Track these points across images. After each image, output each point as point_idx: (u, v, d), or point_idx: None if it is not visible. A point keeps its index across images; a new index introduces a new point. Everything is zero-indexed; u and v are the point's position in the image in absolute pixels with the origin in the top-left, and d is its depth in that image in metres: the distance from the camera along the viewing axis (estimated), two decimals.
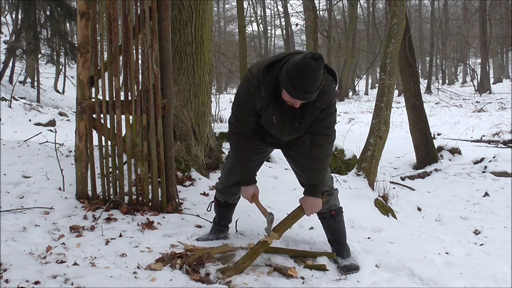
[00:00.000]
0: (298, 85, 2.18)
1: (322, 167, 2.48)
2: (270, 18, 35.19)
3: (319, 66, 2.14)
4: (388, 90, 5.60)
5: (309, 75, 2.15)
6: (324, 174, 2.50)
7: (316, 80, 2.17)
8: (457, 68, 36.35)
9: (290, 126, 2.45)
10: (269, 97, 2.37)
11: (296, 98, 2.23)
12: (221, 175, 2.90)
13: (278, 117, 2.42)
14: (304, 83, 2.17)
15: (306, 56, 2.14)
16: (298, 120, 2.42)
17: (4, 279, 2.15)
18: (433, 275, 2.50)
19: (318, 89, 2.22)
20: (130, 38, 3.34)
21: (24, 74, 19.21)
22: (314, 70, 2.14)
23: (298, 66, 2.15)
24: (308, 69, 2.14)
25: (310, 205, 2.48)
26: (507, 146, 11.10)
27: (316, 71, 2.14)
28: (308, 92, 2.20)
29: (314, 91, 2.21)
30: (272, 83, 2.33)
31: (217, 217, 2.98)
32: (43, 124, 12.46)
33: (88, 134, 3.43)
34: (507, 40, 22.94)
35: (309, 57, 2.13)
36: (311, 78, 2.16)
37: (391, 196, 5.38)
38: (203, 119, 4.57)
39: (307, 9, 14.35)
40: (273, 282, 2.31)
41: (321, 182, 2.48)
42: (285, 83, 2.22)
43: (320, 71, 2.16)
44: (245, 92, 2.42)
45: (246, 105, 2.44)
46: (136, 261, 2.46)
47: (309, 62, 2.12)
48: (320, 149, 2.47)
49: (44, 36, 13.29)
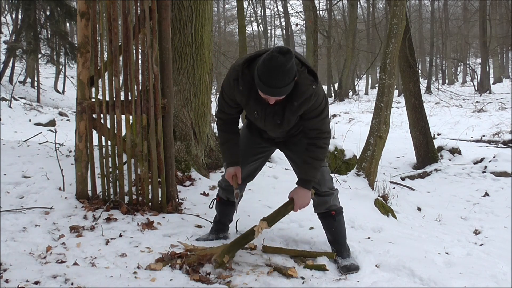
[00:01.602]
0: (266, 80, 2.15)
1: (319, 165, 2.50)
2: (270, 18, 35.22)
3: (286, 61, 2.10)
4: (388, 90, 5.60)
5: (276, 69, 2.11)
6: (318, 172, 2.53)
7: (283, 75, 2.13)
8: (457, 68, 36.36)
9: (272, 122, 2.45)
10: (249, 92, 2.36)
11: (265, 93, 2.21)
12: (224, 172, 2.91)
13: (259, 112, 2.43)
14: (271, 78, 2.13)
15: (273, 51, 2.12)
16: (279, 118, 2.42)
17: (4, 279, 2.15)
18: (433, 275, 2.50)
19: (287, 84, 2.17)
20: (130, 38, 3.34)
21: (24, 74, 19.22)
22: (280, 65, 2.10)
23: (265, 61, 2.13)
24: (274, 64, 2.10)
25: (301, 196, 2.52)
26: (507, 146, 11.10)
27: (282, 66, 2.10)
28: (275, 87, 2.16)
29: (283, 86, 2.16)
30: (251, 78, 2.31)
31: (218, 215, 2.97)
32: (43, 124, 12.48)
33: (88, 134, 3.43)
34: (507, 40, 22.94)
35: (276, 52, 2.11)
36: (277, 73, 2.12)
37: (391, 196, 5.38)
38: (203, 119, 4.57)
39: (307, 9, 14.37)
40: (273, 282, 2.31)
41: (315, 179, 2.52)
42: (256, 79, 2.21)
43: (288, 66, 2.12)
44: (227, 84, 2.43)
45: (228, 96, 2.47)
46: (136, 261, 2.46)
47: (275, 56, 2.10)
48: (319, 150, 2.49)
49: (44, 36, 13.31)
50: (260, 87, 2.20)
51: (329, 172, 2.73)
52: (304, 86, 2.28)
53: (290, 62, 2.12)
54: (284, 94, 2.22)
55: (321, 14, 22.62)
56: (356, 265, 2.60)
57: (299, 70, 2.25)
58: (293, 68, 2.15)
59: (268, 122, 2.45)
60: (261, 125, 2.52)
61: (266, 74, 2.13)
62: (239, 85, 2.36)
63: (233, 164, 2.63)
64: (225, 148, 2.64)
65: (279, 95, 2.22)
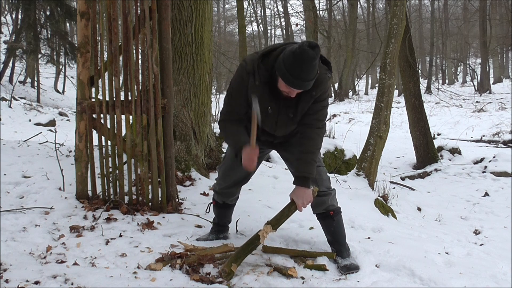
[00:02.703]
0: (296, 73, 2.18)
1: (312, 159, 2.45)
2: (270, 18, 35.20)
3: (315, 54, 2.15)
4: (388, 90, 5.60)
5: (306, 63, 2.15)
6: (314, 166, 2.47)
7: (313, 69, 2.18)
8: (457, 68, 36.34)
9: (285, 117, 2.44)
10: (263, 87, 2.35)
11: (293, 86, 2.23)
12: (218, 176, 2.87)
13: (273, 107, 2.41)
14: (302, 71, 2.17)
15: (303, 44, 2.16)
16: (293, 110, 2.41)
17: (4, 279, 2.15)
18: (433, 275, 2.50)
19: (314, 78, 2.22)
20: (130, 38, 3.34)
21: (24, 74, 19.21)
22: (311, 58, 2.14)
23: (296, 54, 2.15)
24: (305, 57, 2.14)
25: (301, 194, 2.44)
26: (507, 146, 11.11)
27: (313, 59, 2.15)
28: (305, 80, 2.20)
29: (311, 79, 2.21)
30: (267, 72, 2.33)
31: (217, 218, 2.97)
32: (43, 124, 12.48)
33: (88, 134, 3.43)
34: (507, 40, 22.92)
35: (306, 45, 2.14)
36: (308, 66, 2.16)
37: (391, 196, 5.38)
38: (203, 119, 4.57)
39: (307, 9, 14.37)
40: (273, 282, 2.31)
41: (311, 174, 2.45)
42: (281, 72, 2.22)
43: (317, 60, 2.17)
44: (238, 80, 2.41)
45: (238, 93, 2.42)
46: (136, 261, 2.47)
47: (306, 50, 2.13)
48: (311, 142, 2.45)
49: (44, 36, 13.30)
50: (287, 79, 2.21)
51: (326, 172, 2.71)
52: (321, 76, 2.33)
53: (317, 57, 2.17)
54: (310, 86, 2.26)
55: (321, 14, 22.63)
56: (356, 265, 2.59)
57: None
58: (317, 62, 2.20)
59: (282, 117, 2.44)
60: (272, 122, 2.47)
61: (296, 67, 2.16)
62: (255, 80, 2.34)
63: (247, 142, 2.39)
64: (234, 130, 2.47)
65: (306, 88, 2.26)
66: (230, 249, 2.65)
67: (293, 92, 2.28)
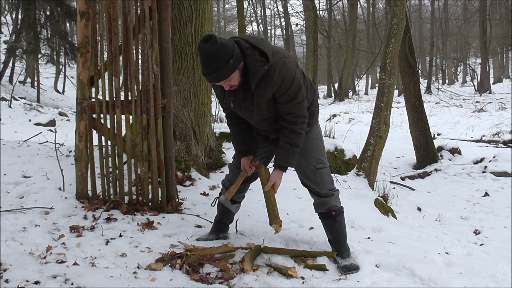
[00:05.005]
0: (203, 70, 2.28)
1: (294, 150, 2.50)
2: (270, 18, 35.22)
3: (209, 47, 2.18)
4: (388, 90, 5.60)
5: (204, 58, 2.22)
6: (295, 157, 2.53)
7: (212, 60, 2.21)
8: (457, 68, 36.35)
9: (246, 109, 2.50)
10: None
11: (208, 82, 2.35)
12: (228, 172, 2.94)
13: (234, 102, 2.50)
14: (204, 66, 2.24)
15: (201, 39, 2.23)
16: (250, 103, 2.45)
17: (4, 279, 2.15)
18: (433, 275, 2.50)
19: (221, 68, 2.22)
20: (130, 38, 3.34)
21: (24, 74, 19.20)
22: (206, 51, 2.19)
23: (198, 50, 2.26)
24: (201, 53, 2.22)
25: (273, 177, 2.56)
26: (507, 146, 11.10)
27: (207, 52, 2.19)
28: (209, 74, 2.25)
29: (216, 71, 2.23)
30: None
31: (219, 215, 2.97)
32: (43, 124, 12.46)
33: (88, 134, 3.43)
34: (507, 40, 22.94)
35: (201, 40, 2.22)
36: (206, 60, 2.21)
37: (391, 196, 5.38)
38: (203, 119, 4.57)
39: (307, 9, 14.38)
40: (273, 282, 2.31)
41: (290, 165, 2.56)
42: None
43: (214, 51, 2.18)
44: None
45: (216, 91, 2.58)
46: (136, 261, 2.47)
47: (200, 46, 2.22)
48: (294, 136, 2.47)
49: (44, 36, 13.30)
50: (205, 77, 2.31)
51: (329, 173, 2.73)
52: (254, 68, 2.31)
53: (215, 47, 2.19)
54: (223, 78, 2.27)
55: (321, 14, 22.65)
56: (356, 265, 2.60)
57: (248, 54, 2.29)
58: (221, 51, 2.20)
59: (243, 109, 2.51)
60: (240, 114, 2.58)
61: (201, 64, 2.26)
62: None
63: (244, 152, 2.69)
64: (234, 137, 2.73)
65: (218, 80, 2.29)
66: (230, 249, 2.66)
67: (225, 86, 2.34)
